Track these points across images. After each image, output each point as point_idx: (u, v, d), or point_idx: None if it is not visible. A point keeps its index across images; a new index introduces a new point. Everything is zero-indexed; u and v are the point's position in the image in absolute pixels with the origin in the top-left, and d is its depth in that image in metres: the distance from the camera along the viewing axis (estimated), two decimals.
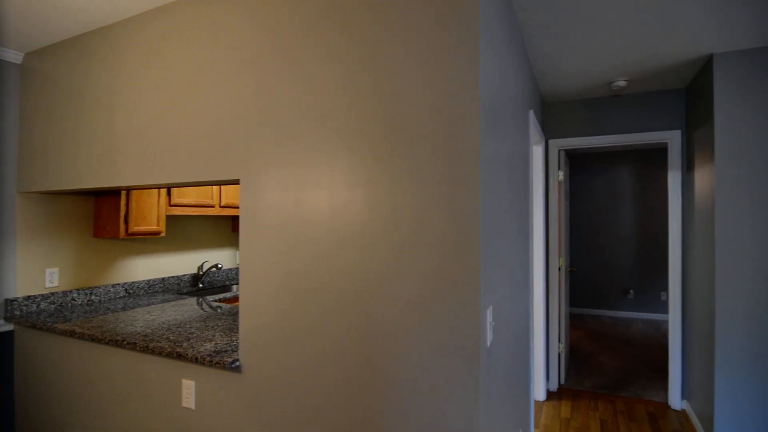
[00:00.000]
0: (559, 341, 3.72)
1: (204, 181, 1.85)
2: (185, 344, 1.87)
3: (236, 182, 1.80)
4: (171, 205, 3.00)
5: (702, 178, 2.88)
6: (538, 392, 3.46)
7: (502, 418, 1.71)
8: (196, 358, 1.73)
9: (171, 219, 3.31)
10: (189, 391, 1.82)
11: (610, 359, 4.44)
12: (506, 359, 1.81)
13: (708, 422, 2.74)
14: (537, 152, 3.48)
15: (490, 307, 1.46)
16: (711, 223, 2.68)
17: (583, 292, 6.50)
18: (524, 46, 2.52)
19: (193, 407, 1.82)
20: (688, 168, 3.22)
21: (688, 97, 3.23)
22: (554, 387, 3.66)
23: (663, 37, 2.40)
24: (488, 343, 1.41)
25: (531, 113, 2.68)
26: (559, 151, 3.72)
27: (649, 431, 2.98)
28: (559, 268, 3.73)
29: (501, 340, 1.69)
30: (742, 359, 2.55)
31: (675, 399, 3.33)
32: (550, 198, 3.68)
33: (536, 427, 3.05)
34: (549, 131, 3.71)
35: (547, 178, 3.71)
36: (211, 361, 1.70)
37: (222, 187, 3.35)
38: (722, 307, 2.59)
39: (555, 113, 3.69)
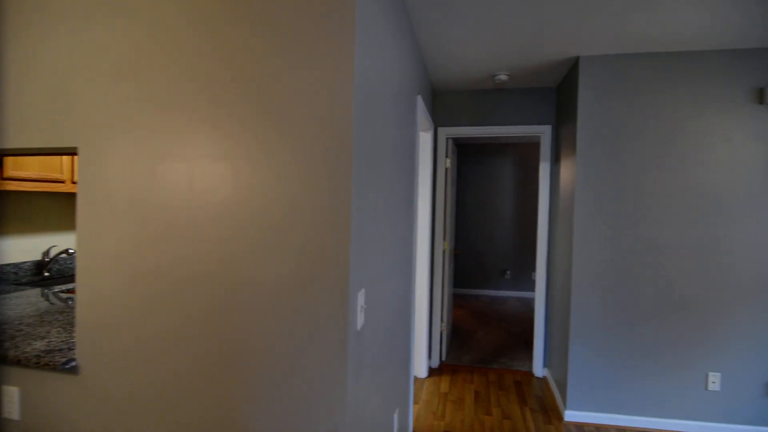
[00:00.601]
0: (442, 321, 3.91)
1: (30, 149, 1.53)
2: (7, 344, 1.56)
3: (73, 152, 1.51)
4: (3, 179, 2.49)
5: (566, 168, 3.19)
6: (420, 370, 3.61)
7: (376, 399, 1.72)
8: (19, 360, 1.45)
9: (5, 195, 2.76)
10: (11, 398, 1.52)
11: (487, 335, 4.81)
12: (382, 341, 1.81)
13: (563, 387, 3.09)
14: (426, 138, 3.56)
15: (363, 290, 1.42)
16: (571, 209, 2.98)
17: (467, 274, 6.97)
18: (413, 31, 2.52)
19: (16, 417, 1.52)
20: (555, 160, 3.55)
21: (558, 95, 3.54)
22: (436, 364, 3.85)
23: (538, 37, 2.57)
24: (358, 327, 1.38)
25: (419, 99, 2.70)
26: (447, 138, 3.86)
27: (515, 398, 3.28)
28: (444, 251, 3.91)
29: (376, 323, 1.67)
30: (592, 330, 2.91)
31: (538, 368, 3.71)
32: (438, 184, 3.82)
33: (416, 402, 3.18)
34: (439, 119, 3.82)
35: (435, 164, 3.83)
36: (39, 363, 1.43)
37: (75, 158, 2.88)
38: (577, 285, 2.92)
39: (445, 102, 3.81)
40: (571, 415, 2.94)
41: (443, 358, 4.00)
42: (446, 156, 3.87)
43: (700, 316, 2.79)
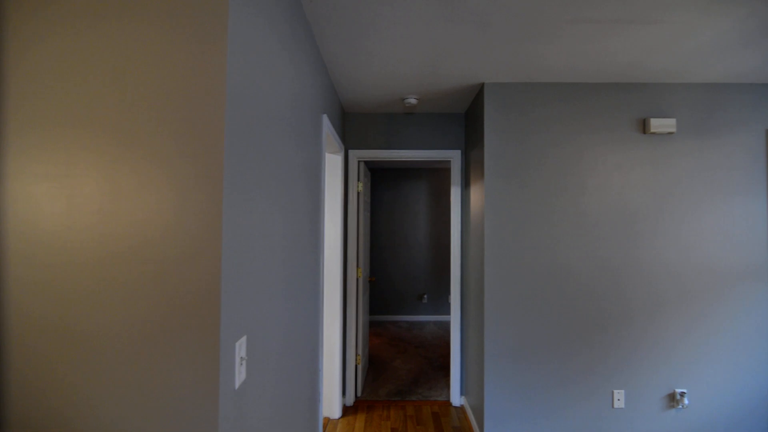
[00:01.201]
0: (357, 353, 3.68)
1: None
2: None
3: None
4: None
5: (475, 193, 3.20)
6: (333, 410, 3.33)
7: None
8: None
9: None
10: None
11: (405, 363, 4.66)
12: (276, 394, 1.55)
13: (479, 415, 3.00)
14: (335, 161, 3.40)
15: (244, 338, 1.17)
16: (482, 233, 2.97)
17: (384, 300, 6.84)
18: (317, 46, 2.37)
19: None
20: (466, 184, 3.57)
21: (466, 120, 3.60)
22: (351, 401, 3.60)
23: (443, 63, 2.56)
24: (237, 385, 1.12)
25: (324, 118, 2.54)
26: (358, 161, 3.73)
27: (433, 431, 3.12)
28: (358, 279, 3.72)
29: (266, 373, 1.41)
30: (506, 356, 2.87)
31: (455, 396, 3.61)
32: (350, 208, 3.65)
33: None
34: (350, 141, 3.69)
35: (347, 188, 3.67)
36: None
37: None
38: (489, 310, 2.88)
39: (356, 124, 3.70)
40: None
41: (359, 394, 3.75)
42: (358, 179, 3.73)
43: (606, 336, 2.88)
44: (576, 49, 2.40)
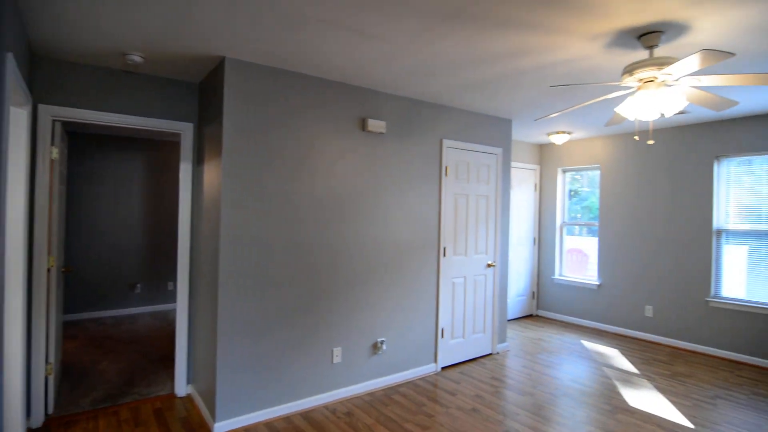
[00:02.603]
0: (48, 361, 2.95)
1: None
2: None
3: None
4: None
5: (211, 171, 3.05)
6: None
7: None
8: None
9: None
10: None
11: (114, 363, 4.02)
12: None
13: (210, 399, 2.93)
14: (19, 117, 2.58)
15: None
16: (218, 211, 2.87)
17: (83, 295, 5.65)
18: None
19: None
20: (199, 161, 3.35)
21: (201, 92, 3.36)
22: (39, 422, 2.86)
23: (183, 25, 2.32)
24: None
25: (10, 57, 1.90)
26: (54, 121, 2.95)
27: (156, 430, 2.85)
28: (49, 270, 2.96)
29: None
30: (242, 332, 2.89)
31: (181, 386, 3.39)
32: (38, 181, 2.85)
33: None
34: (41, 94, 2.86)
35: (35, 154, 2.85)
36: None
37: None
38: (225, 288, 2.84)
39: (53, 73, 2.89)
40: (220, 427, 2.82)
41: (51, 411, 3.02)
42: (52, 144, 2.95)
43: (329, 303, 3.29)
44: (315, 45, 2.62)
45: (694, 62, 1.88)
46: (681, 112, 4.16)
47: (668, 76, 2.17)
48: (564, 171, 6.06)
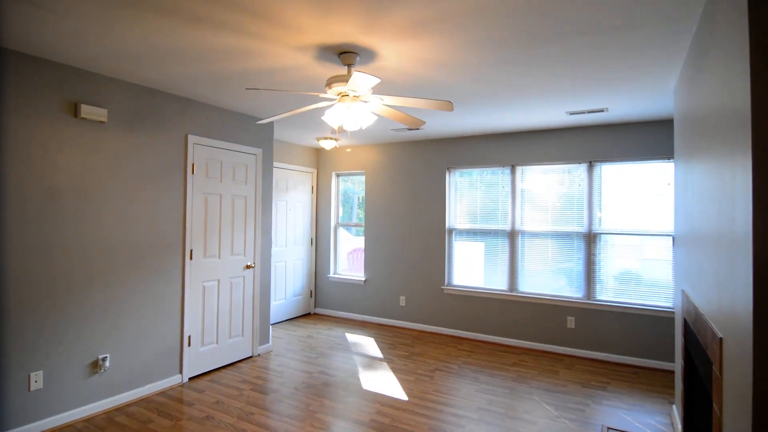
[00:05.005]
0: None
1: None
2: None
3: None
4: None
5: None
6: None
7: None
8: None
9: None
10: None
11: None
12: None
13: None
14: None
15: None
16: None
17: None
18: None
19: None
20: None
21: None
22: None
23: None
24: None
25: None
26: None
27: None
28: None
29: None
30: None
31: None
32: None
33: None
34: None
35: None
36: None
37: None
38: None
39: None
40: None
41: None
42: None
43: (26, 318, 2.73)
44: None
45: (357, 81, 2.14)
46: (413, 129, 4.84)
47: (353, 92, 2.45)
48: (337, 175, 6.46)
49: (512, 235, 5.03)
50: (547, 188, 4.90)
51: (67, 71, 2.94)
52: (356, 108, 2.53)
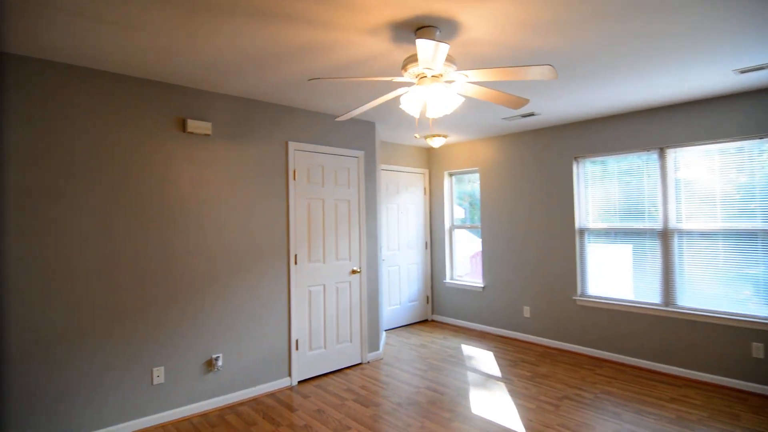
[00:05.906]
0: None
1: None
2: None
3: None
4: None
5: None
6: None
7: None
8: None
9: None
10: None
11: None
12: None
13: None
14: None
15: None
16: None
17: None
18: None
19: None
20: None
21: None
22: None
23: None
24: None
25: None
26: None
27: None
28: None
29: None
30: (35, 352, 2.57)
31: None
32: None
33: None
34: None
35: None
36: None
37: None
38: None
39: None
40: None
41: None
42: None
43: (145, 318, 3.01)
44: (87, 39, 2.37)
45: (424, 51, 1.80)
46: (529, 114, 4.20)
47: (430, 71, 2.10)
48: (450, 174, 6.07)
49: (665, 235, 4.02)
50: (712, 174, 3.80)
51: (172, 90, 3.18)
52: (436, 90, 2.17)
